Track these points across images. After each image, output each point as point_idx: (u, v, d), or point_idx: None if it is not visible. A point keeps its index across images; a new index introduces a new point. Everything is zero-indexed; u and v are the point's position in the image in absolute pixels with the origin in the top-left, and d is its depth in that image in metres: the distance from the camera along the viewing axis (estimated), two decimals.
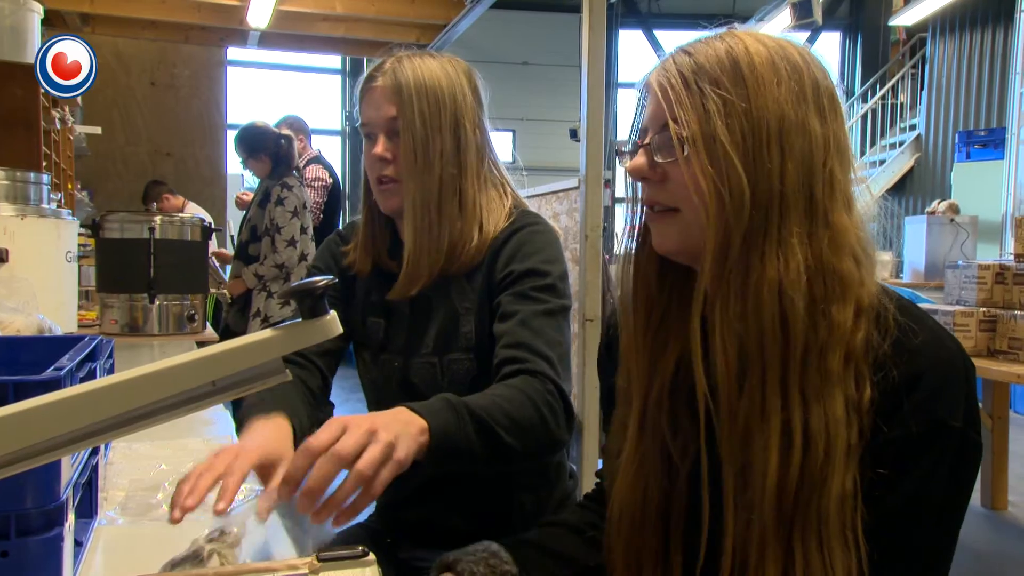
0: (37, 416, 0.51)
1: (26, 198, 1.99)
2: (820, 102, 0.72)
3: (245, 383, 0.59)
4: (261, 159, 3.45)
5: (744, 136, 0.69)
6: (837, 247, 0.70)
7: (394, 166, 1.16)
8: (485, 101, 1.21)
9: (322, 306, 0.60)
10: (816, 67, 0.74)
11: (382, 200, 1.19)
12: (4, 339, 1.11)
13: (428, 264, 1.15)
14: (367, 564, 0.71)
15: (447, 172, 1.15)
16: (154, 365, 0.55)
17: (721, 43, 0.73)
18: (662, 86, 0.73)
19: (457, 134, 1.16)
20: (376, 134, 1.17)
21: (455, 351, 1.16)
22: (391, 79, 1.15)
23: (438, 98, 1.15)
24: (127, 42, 6.47)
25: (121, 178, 6.62)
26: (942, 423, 0.68)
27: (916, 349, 0.69)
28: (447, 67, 1.18)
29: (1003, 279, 2.88)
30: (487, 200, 1.18)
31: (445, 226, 1.15)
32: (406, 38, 6.29)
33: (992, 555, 3.00)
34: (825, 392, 0.68)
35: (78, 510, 0.83)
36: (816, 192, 0.70)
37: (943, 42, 7.70)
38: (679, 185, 0.73)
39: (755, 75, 0.70)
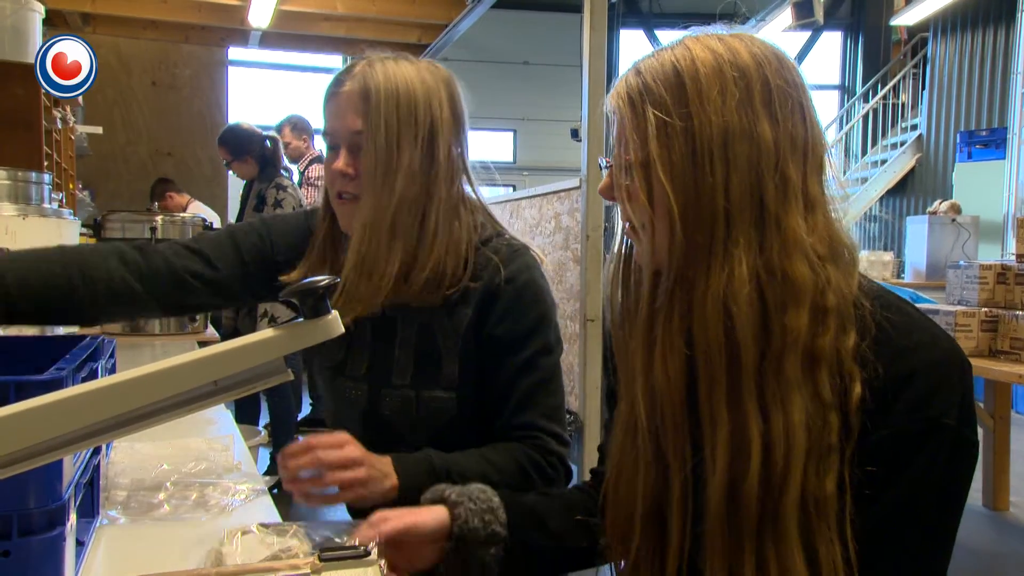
0: (39, 416, 0.51)
1: (27, 198, 1.99)
2: (771, 105, 0.70)
3: (246, 383, 0.59)
4: (247, 161, 3.43)
5: (681, 156, 0.70)
6: (788, 252, 0.69)
7: (355, 182, 1.05)
8: (466, 113, 1.10)
9: (324, 305, 0.60)
10: (769, 67, 0.71)
11: (341, 218, 1.09)
12: (5, 339, 1.11)
13: (369, 292, 1.03)
14: (369, 563, 0.71)
15: (410, 191, 1.03)
16: (155, 365, 0.55)
17: (670, 55, 0.73)
18: (615, 110, 0.76)
19: (430, 150, 1.04)
20: (339, 146, 1.06)
21: (436, 389, 1.09)
22: (359, 84, 1.04)
23: (410, 108, 1.03)
24: (128, 42, 6.47)
25: (122, 178, 6.62)
26: (936, 422, 0.67)
27: (907, 347, 0.69)
28: (425, 74, 1.06)
29: (1005, 279, 2.88)
30: (452, 226, 1.07)
31: (396, 251, 1.03)
32: (407, 38, 6.30)
33: (993, 555, 3.00)
34: (785, 398, 0.68)
35: (80, 510, 0.83)
36: (766, 198, 0.69)
37: (944, 42, 7.69)
38: (636, 205, 0.75)
39: (697, 88, 0.70)
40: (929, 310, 2.95)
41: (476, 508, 0.87)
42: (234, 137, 3.43)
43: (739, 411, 0.69)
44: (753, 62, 0.71)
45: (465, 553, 0.85)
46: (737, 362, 0.69)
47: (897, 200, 8.25)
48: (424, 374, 1.09)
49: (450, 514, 0.86)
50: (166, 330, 2.62)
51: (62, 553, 0.70)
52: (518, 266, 1.10)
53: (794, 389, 0.67)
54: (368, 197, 1.04)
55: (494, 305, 1.08)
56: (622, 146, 0.75)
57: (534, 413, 1.08)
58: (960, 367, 0.70)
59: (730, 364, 0.69)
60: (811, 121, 0.72)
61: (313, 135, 4.52)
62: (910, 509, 0.68)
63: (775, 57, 0.72)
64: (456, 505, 0.86)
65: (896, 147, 8.25)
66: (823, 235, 0.71)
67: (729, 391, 0.69)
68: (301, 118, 4.45)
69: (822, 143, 0.73)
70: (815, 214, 0.71)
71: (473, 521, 0.86)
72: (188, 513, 0.98)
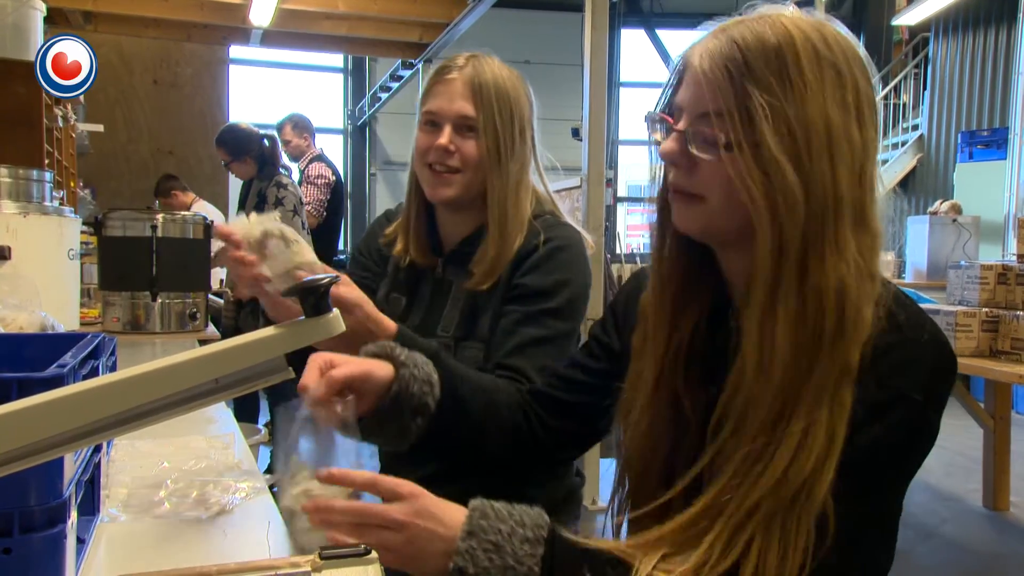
0: (40, 413, 0.52)
1: (29, 196, 1.99)
2: (861, 109, 0.73)
3: (248, 381, 0.59)
4: (246, 161, 3.43)
5: (795, 141, 0.70)
6: (874, 250, 0.73)
7: (456, 158, 1.19)
8: (536, 110, 1.27)
9: (325, 304, 0.60)
10: (859, 70, 0.74)
11: (436, 187, 1.21)
12: (7, 336, 1.11)
13: (502, 262, 1.19)
14: (369, 562, 0.71)
15: (516, 174, 1.21)
16: (157, 363, 0.55)
17: (769, 32, 0.72)
18: (704, 75, 0.73)
19: (523, 138, 1.22)
20: (442, 124, 1.19)
21: (471, 339, 1.20)
22: (470, 75, 1.19)
23: (511, 105, 1.20)
24: (130, 40, 6.47)
25: (123, 176, 6.62)
26: (902, 394, 0.71)
27: (895, 327, 0.73)
28: (513, 74, 1.24)
29: (1006, 279, 2.88)
30: (526, 204, 1.23)
31: (516, 225, 1.20)
32: (408, 37, 6.30)
33: (994, 556, 3.00)
34: (844, 388, 0.70)
35: (81, 507, 0.83)
36: (865, 199, 0.73)
37: (946, 42, 7.68)
38: (708, 176, 0.74)
39: (803, 79, 0.70)
40: (930, 310, 2.95)
41: (418, 376, 0.90)
42: (233, 138, 3.43)
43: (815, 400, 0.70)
44: (845, 62, 0.73)
45: (394, 414, 0.88)
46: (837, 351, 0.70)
47: (898, 200, 8.25)
48: (465, 327, 1.21)
49: (395, 373, 0.89)
50: (167, 328, 2.62)
51: (63, 550, 0.70)
52: (558, 234, 1.21)
53: (852, 377, 0.70)
54: (494, 176, 1.19)
55: (525, 260, 1.19)
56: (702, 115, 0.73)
57: (525, 362, 1.13)
58: (938, 354, 0.73)
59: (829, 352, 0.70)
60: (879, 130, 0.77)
61: (314, 133, 4.52)
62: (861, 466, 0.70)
63: (858, 60, 0.75)
64: (402, 366, 0.89)
65: (897, 147, 8.25)
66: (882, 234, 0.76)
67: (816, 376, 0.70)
68: (302, 117, 4.45)
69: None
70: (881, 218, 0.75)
71: (412, 387, 0.89)
72: (188, 511, 0.98)
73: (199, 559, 0.84)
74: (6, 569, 0.66)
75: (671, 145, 0.76)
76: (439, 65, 1.23)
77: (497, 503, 0.76)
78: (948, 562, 2.90)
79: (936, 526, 3.21)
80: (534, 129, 1.27)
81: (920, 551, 2.94)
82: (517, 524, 0.74)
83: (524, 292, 1.18)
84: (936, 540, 3.06)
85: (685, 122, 0.76)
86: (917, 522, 3.23)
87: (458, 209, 1.25)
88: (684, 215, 0.78)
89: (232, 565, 0.73)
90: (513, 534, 0.73)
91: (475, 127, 1.19)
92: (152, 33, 6.36)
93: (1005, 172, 6.06)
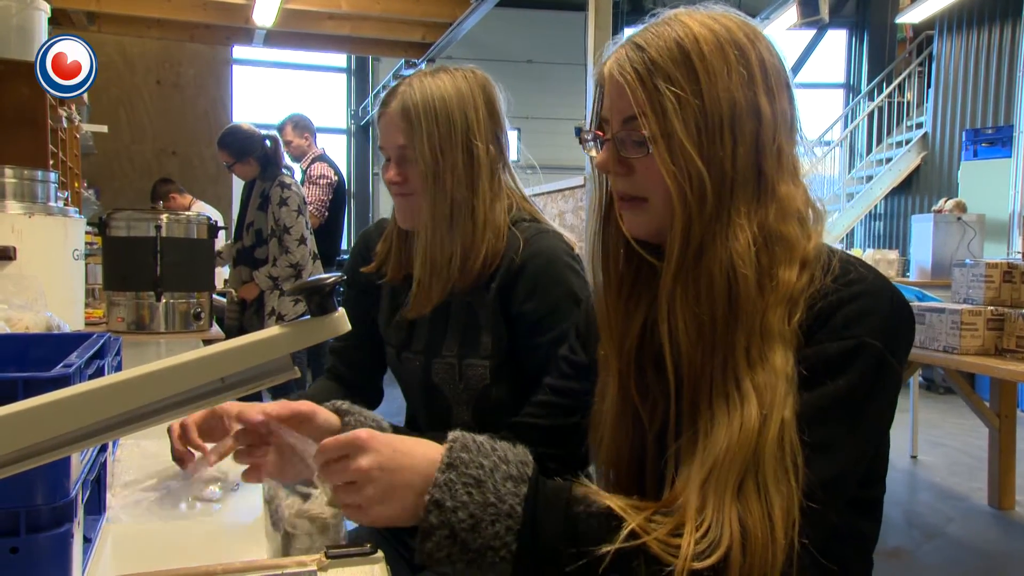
0: (48, 412, 0.52)
1: (33, 196, 1.99)
2: (768, 82, 0.76)
3: (253, 380, 0.59)
4: (248, 162, 3.43)
5: (699, 129, 0.74)
6: (784, 214, 0.76)
7: (405, 187, 1.19)
8: (503, 110, 1.21)
9: (331, 303, 0.60)
10: (763, 45, 0.77)
11: (400, 216, 1.23)
12: (13, 336, 1.11)
13: (440, 284, 1.18)
14: (375, 561, 0.71)
15: (459, 192, 1.16)
16: (163, 362, 0.55)
17: (670, 31, 0.76)
18: (619, 83, 0.77)
19: (469, 152, 1.16)
20: (390, 158, 1.21)
21: (474, 357, 1.20)
22: (399, 104, 1.17)
23: (448, 118, 1.15)
24: (133, 41, 6.48)
25: (127, 176, 6.63)
26: (861, 342, 0.72)
27: (848, 281, 0.75)
28: (460, 83, 1.17)
29: (1011, 277, 2.87)
30: (495, 214, 1.19)
31: (456, 244, 1.16)
32: (411, 36, 6.30)
33: (999, 555, 2.99)
34: (768, 350, 0.72)
35: (87, 507, 0.83)
36: (765, 168, 0.76)
37: (950, 40, 7.66)
38: (645, 177, 0.78)
39: (705, 65, 0.74)
40: (934, 308, 2.95)
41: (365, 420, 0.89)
42: (235, 139, 3.43)
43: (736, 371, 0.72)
44: (747, 41, 0.76)
45: None
46: (735, 322, 0.73)
47: (902, 198, 8.23)
48: (467, 345, 1.20)
49: (340, 422, 0.88)
50: (171, 328, 2.62)
51: (70, 550, 0.70)
52: (539, 246, 1.18)
53: (776, 339, 0.73)
54: (424, 202, 1.16)
55: (516, 284, 1.17)
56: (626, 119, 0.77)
57: None
58: (891, 301, 0.76)
59: (728, 324, 0.73)
60: (792, 95, 0.79)
61: (315, 133, 4.53)
62: (832, 416, 0.72)
63: (760, 37, 0.78)
64: (347, 414, 0.89)
65: (901, 145, 8.23)
66: (804, 196, 0.79)
67: (726, 350, 0.73)
68: (303, 117, 4.46)
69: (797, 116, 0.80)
70: (797, 179, 0.79)
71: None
72: (194, 510, 0.99)
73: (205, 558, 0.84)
74: (13, 568, 0.66)
75: (604, 155, 0.80)
76: (382, 97, 1.23)
77: (479, 436, 0.73)
78: (953, 561, 2.89)
79: (941, 525, 3.20)
80: (497, 133, 1.20)
81: (925, 550, 2.93)
82: (500, 460, 0.71)
83: (534, 320, 1.16)
84: (941, 539, 3.05)
85: (612, 130, 0.79)
86: (922, 521, 3.22)
87: None
88: (633, 220, 0.81)
89: (238, 564, 0.73)
90: (496, 469, 0.70)
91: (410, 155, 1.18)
92: (155, 33, 6.37)
93: (1010, 170, 6.04)
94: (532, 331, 1.16)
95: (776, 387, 0.71)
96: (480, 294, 1.19)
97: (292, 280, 3.39)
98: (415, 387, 1.27)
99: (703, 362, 0.75)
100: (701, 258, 0.74)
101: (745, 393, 0.71)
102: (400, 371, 1.31)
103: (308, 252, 3.42)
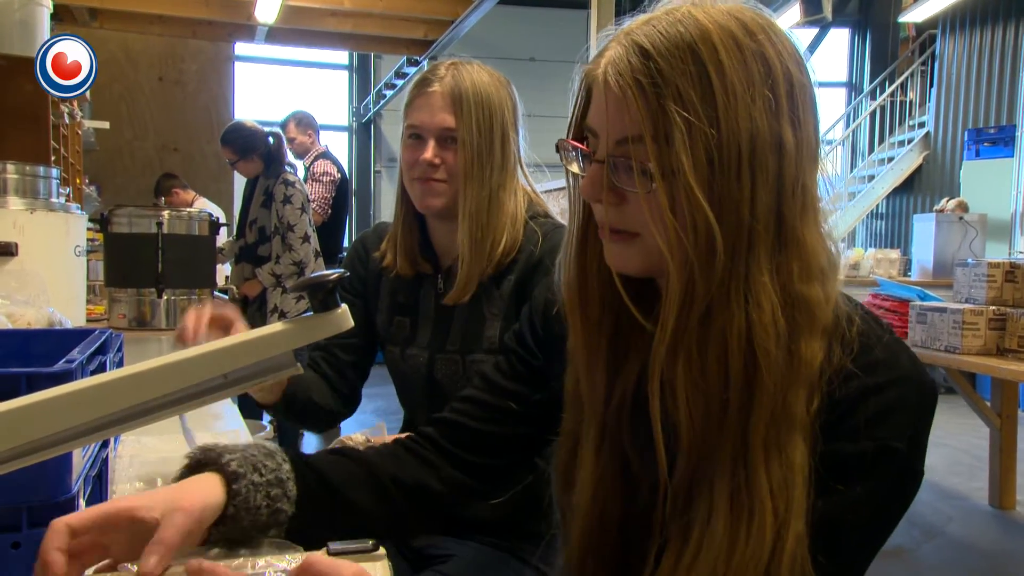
0: (50, 408, 0.52)
1: (35, 192, 1.99)
2: (794, 105, 0.62)
3: (256, 376, 0.59)
4: (252, 159, 3.43)
5: (711, 165, 0.60)
6: (807, 272, 0.62)
7: (442, 170, 1.19)
8: (520, 111, 1.25)
9: (333, 299, 0.60)
10: (789, 53, 0.63)
11: (424, 198, 1.21)
12: (16, 332, 1.11)
13: (479, 271, 1.19)
14: (378, 558, 0.71)
15: (495, 182, 1.19)
16: (166, 358, 0.55)
17: (682, 33, 0.61)
18: (616, 95, 0.63)
19: (504, 145, 1.21)
20: (426, 138, 1.19)
21: (478, 352, 1.20)
22: (450, 86, 1.18)
23: (491, 110, 1.19)
24: (135, 37, 6.48)
25: (129, 173, 6.64)
26: (884, 446, 0.62)
27: (871, 364, 0.63)
28: (495, 79, 1.22)
29: (1013, 277, 2.87)
30: (517, 207, 1.23)
31: (490, 234, 1.19)
32: (413, 34, 6.30)
33: (1000, 554, 2.99)
34: (787, 442, 0.61)
35: (89, 502, 0.83)
36: (787, 213, 0.62)
37: (953, 39, 7.65)
38: (638, 211, 0.64)
39: (725, 86, 0.60)
40: (936, 308, 2.94)
41: (261, 480, 0.70)
42: (239, 136, 3.43)
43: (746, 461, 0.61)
44: (775, 53, 0.62)
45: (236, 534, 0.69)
46: (749, 404, 0.61)
47: (904, 198, 8.22)
48: (471, 340, 1.21)
49: (227, 489, 0.68)
50: (172, 324, 2.62)
51: None
52: (558, 240, 1.18)
53: (797, 428, 0.61)
54: (469, 188, 1.18)
55: (535, 275, 1.18)
56: (621, 141, 0.64)
57: None
58: (919, 394, 0.65)
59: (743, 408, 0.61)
60: (817, 118, 0.65)
61: (318, 130, 4.53)
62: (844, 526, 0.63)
63: (787, 44, 0.64)
64: (237, 478, 0.69)
65: (903, 144, 8.22)
66: (825, 245, 0.64)
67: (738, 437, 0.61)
68: (306, 114, 4.45)
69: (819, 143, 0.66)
70: (820, 225, 0.64)
71: (256, 498, 0.69)
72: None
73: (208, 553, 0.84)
74: (15, 564, 0.66)
75: (590, 180, 0.66)
76: (420, 77, 1.23)
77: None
78: (953, 561, 2.89)
79: (942, 525, 3.20)
80: (519, 131, 1.25)
81: (925, 549, 2.93)
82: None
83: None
84: (942, 539, 3.05)
85: (603, 150, 0.65)
86: (923, 521, 3.22)
87: (449, 219, 1.23)
88: (618, 255, 0.67)
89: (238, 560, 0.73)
90: None
91: (457, 138, 1.19)
92: (158, 30, 6.36)
93: (1012, 170, 6.04)
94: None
95: (793, 489, 0.61)
96: (490, 286, 1.20)
97: (295, 277, 3.40)
98: (417, 385, 1.27)
99: (709, 446, 0.63)
100: (709, 324, 0.61)
101: (757, 493, 0.60)
102: (402, 369, 1.31)
103: (311, 249, 3.43)
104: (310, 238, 3.42)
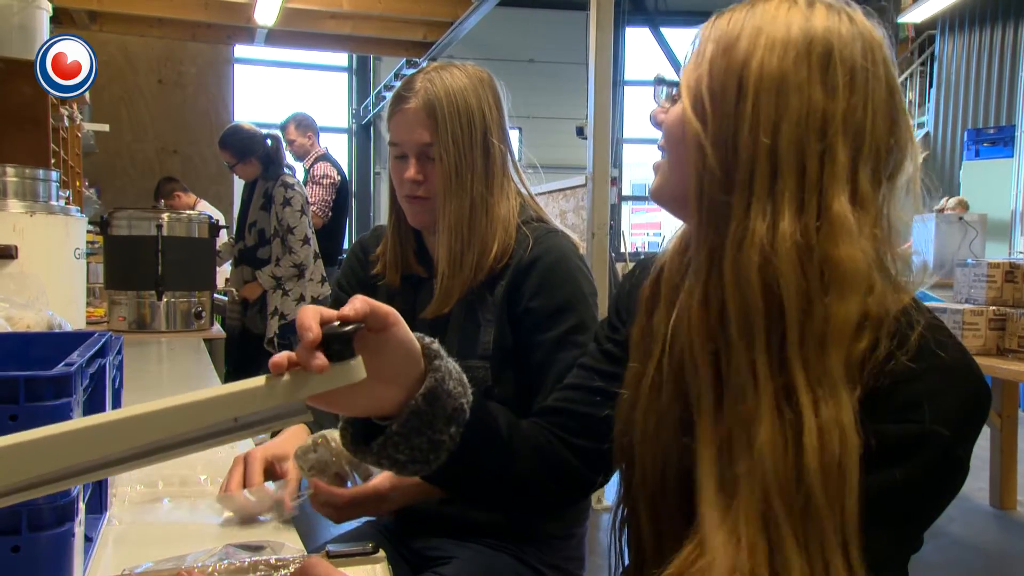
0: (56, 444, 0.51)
1: (35, 195, 1.99)
2: (833, 74, 0.65)
3: (267, 421, 0.58)
4: (251, 162, 3.43)
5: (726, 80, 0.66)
6: (834, 234, 0.63)
7: (426, 186, 1.18)
8: (506, 107, 1.22)
9: (350, 350, 0.59)
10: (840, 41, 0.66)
11: (412, 216, 1.21)
12: (15, 335, 1.11)
13: (460, 283, 1.17)
14: (377, 560, 0.71)
15: (477, 191, 1.16)
16: (177, 399, 0.54)
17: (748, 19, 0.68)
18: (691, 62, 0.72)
19: (486, 151, 1.17)
20: (408, 155, 1.18)
21: (473, 359, 1.17)
22: (423, 100, 1.15)
23: (470, 118, 1.15)
24: (135, 40, 6.49)
25: (128, 175, 6.65)
26: (926, 430, 0.62)
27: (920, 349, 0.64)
28: (473, 80, 1.18)
29: (1013, 277, 2.87)
30: (507, 212, 1.20)
31: (476, 244, 1.17)
32: (413, 36, 6.31)
33: (1001, 555, 2.99)
34: (834, 391, 0.62)
35: (88, 506, 0.83)
36: (808, 166, 0.64)
37: (952, 39, 7.66)
38: (666, 127, 0.73)
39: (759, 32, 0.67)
40: (936, 308, 2.94)
41: (456, 373, 0.73)
42: (237, 140, 3.42)
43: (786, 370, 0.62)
44: (822, 27, 0.66)
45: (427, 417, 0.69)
46: (779, 324, 0.63)
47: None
48: (466, 346, 1.18)
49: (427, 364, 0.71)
50: (172, 327, 2.63)
51: (71, 549, 0.70)
52: (549, 244, 1.18)
53: (841, 387, 0.62)
54: (446, 204, 1.16)
55: (526, 280, 1.16)
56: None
57: None
58: (965, 377, 0.65)
59: (770, 324, 0.63)
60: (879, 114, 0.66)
61: (318, 132, 4.53)
62: (877, 511, 0.63)
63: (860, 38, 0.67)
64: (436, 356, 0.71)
65: None
66: (871, 238, 0.65)
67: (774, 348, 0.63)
68: (306, 116, 4.45)
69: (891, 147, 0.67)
70: (866, 211, 0.65)
71: (449, 382, 0.71)
72: (195, 510, 0.99)
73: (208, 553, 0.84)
74: (15, 567, 0.66)
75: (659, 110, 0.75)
76: (395, 92, 1.20)
77: None
78: (955, 560, 2.89)
79: (943, 525, 3.20)
80: (505, 131, 1.21)
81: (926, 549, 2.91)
82: None
83: (539, 317, 1.15)
84: (943, 539, 3.05)
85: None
86: None
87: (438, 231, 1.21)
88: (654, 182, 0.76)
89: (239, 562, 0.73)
90: None
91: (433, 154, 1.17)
92: (157, 32, 6.38)
93: (1012, 170, 6.05)
94: (536, 327, 1.15)
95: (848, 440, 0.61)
96: (484, 293, 1.18)
97: (295, 280, 3.40)
98: None
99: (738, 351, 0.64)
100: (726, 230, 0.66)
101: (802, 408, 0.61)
102: None
103: (311, 252, 3.43)
104: (310, 240, 3.42)
